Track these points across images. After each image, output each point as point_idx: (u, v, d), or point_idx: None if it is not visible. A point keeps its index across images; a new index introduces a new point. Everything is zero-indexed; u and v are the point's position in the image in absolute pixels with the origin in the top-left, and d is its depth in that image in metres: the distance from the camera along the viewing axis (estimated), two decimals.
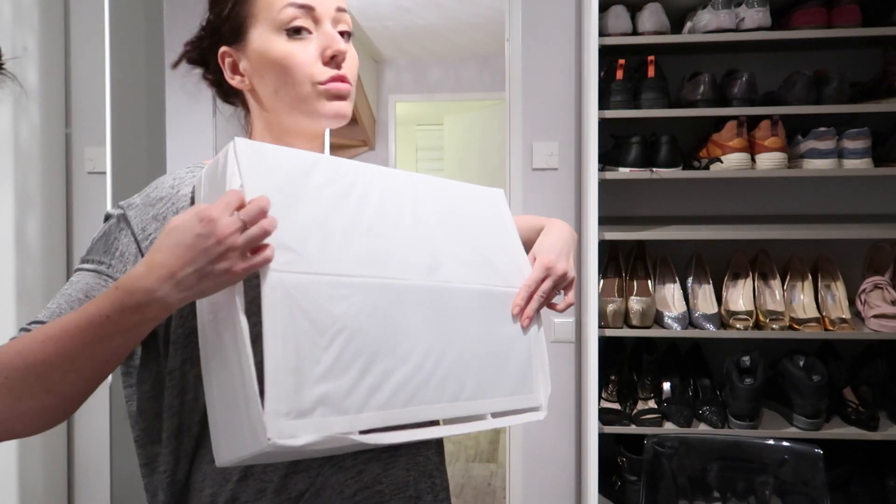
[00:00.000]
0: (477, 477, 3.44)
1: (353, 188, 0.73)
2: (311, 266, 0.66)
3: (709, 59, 2.00)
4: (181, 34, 0.89)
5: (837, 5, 1.78)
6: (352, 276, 0.68)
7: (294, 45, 0.77)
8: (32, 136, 1.93)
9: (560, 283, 0.86)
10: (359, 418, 0.65)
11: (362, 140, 4.65)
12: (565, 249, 0.89)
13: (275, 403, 0.60)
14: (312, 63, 0.77)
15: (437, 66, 4.96)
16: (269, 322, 0.61)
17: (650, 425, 1.82)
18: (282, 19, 0.76)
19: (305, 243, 0.66)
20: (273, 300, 0.62)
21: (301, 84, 0.77)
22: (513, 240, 0.90)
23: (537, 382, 0.85)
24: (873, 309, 1.81)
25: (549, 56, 2.06)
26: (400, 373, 0.69)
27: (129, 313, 0.60)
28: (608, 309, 1.85)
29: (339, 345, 0.65)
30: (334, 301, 0.66)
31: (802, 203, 2.05)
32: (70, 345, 0.61)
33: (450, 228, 0.82)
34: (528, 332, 0.85)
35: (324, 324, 0.65)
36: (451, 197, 0.85)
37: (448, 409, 0.74)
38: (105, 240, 0.74)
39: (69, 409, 0.66)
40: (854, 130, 1.77)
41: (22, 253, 1.89)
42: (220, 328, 0.65)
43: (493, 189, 0.92)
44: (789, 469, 1.57)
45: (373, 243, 0.72)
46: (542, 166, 2.07)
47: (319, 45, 0.78)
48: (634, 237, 1.87)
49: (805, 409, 1.77)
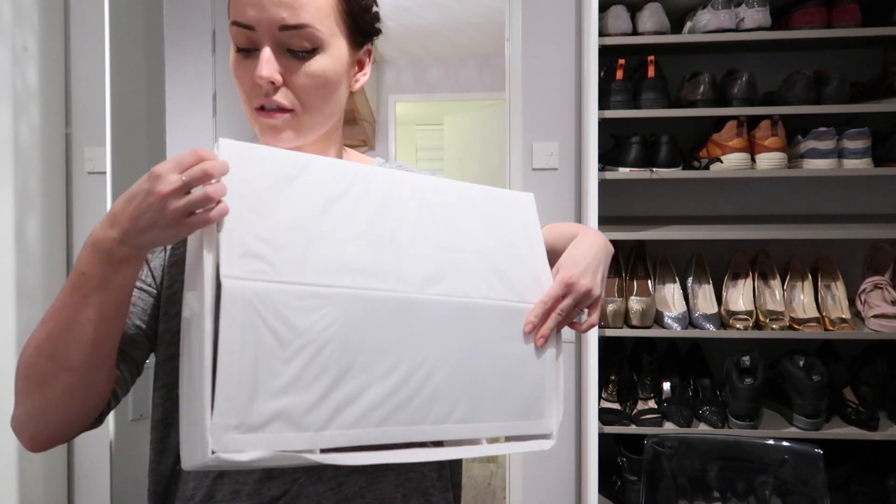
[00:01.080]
0: (477, 477, 3.44)
1: (349, 192, 0.70)
2: (280, 275, 0.63)
3: (709, 59, 2.00)
4: (181, 34, 0.89)
5: (837, 5, 1.78)
6: (327, 286, 0.65)
7: (239, 61, 0.74)
8: (32, 136, 1.93)
9: (582, 302, 0.78)
10: (321, 436, 0.62)
11: (362, 140, 4.66)
12: (593, 264, 0.79)
13: (223, 417, 0.58)
14: (251, 86, 0.74)
15: (437, 65, 4.96)
16: (224, 332, 0.59)
17: (650, 425, 1.82)
18: (233, 38, 0.74)
19: (279, 250, 0.63)
20: (231, 310, 0.59)
21: (244, 105, 0.76)
22: (535, 250, 0.82)
23: (549, 408, 0.77)
24: (873, 309, 1.81)
25: (549, 56, 2.06)
26: (375, 390, 0.65)
27: (98, 265, 0.63)
28: (608, 309, 1.85)
29: (303, 358, 0.62)
30: (302, 312, 0.63)
31: (802, 203, 2.05)
32: (64, 314, 0.64)
33: (460, 237, 0.76)
34: (543, 354, 0.77)
35: (287, 336, 0.62)
36: (470, 203, 0.78)
37: (432, 432, 0.69)
38: None
39: (92, 387, 0.68)
40: (854, 130, 1.77)
41: (22, 253, 1.89)
42: (191, 330, 0.64)
43: (523, 193, 0.85)
44: (789, 469, 1.57)
45: (362, 250, 0.68)
46: (542, 166, 2.07)
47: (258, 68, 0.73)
48: (634, 237, 1.87)
49: (805, 409, 1.77)
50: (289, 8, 0.71)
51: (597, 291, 0.78)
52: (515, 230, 0.81)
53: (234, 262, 0.61)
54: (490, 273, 0.76)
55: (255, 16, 0.71)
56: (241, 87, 0.75)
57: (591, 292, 0.77)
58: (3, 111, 1.83)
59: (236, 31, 0.73)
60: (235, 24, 0.73)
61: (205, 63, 2.21)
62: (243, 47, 0.73)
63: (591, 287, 0.77)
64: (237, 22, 0.72)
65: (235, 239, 0.62)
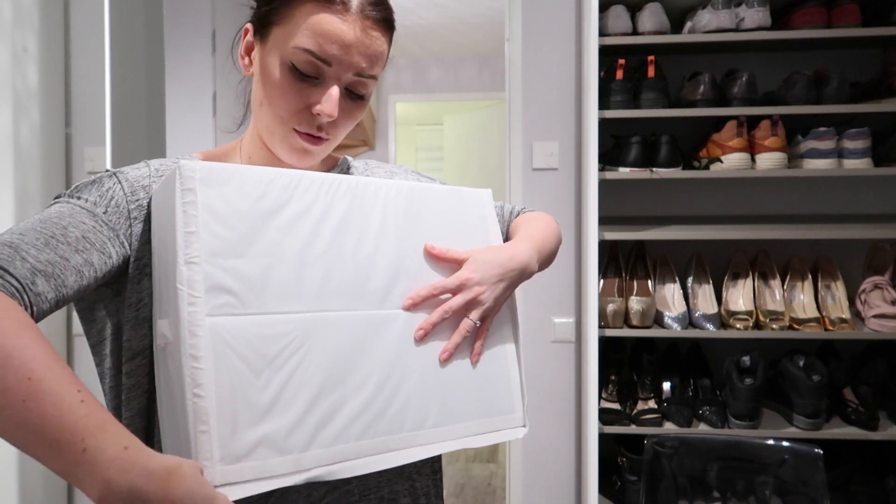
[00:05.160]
0: (477, 477, 3.44)
1: (313, 207, 0.70)
2: (246, 307, 0.64)
3: (709, 59, 2.00)
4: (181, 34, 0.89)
5: (837, 5, 1.78)
6: (293, 312, 0.67)
7: (294, 82, 0.74)
8: (32, 136, 1.93)
9: (471, 307, 0.76)
10: (305, 456, 0.64)
11: (362, 140, 4.66)
12: (497, 274, 0.78)
13: (207, 452, 0.59)
14: (301, 109, 0.75)
15: (437, 65, 4.96)
16: (200, 368, 0.61)
17: (650, 425, 1.82)
18: (295, 57, 0.73)
19: (244, 281, 0.65)
20: (203, 346, 0.61)
21: (279, 118, 0.76)
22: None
23: (517, 401, 0.81)
24: (873, 309, 1.81)
25: (549, 56, 2.06)
26: (351, 406, 0.68)
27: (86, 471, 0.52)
28: (608, 309, 1.85)
29: (277, 383, 0.64)
30: (270, 340, 0.65)
31: (802, 203, 2.05)
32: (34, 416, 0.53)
33: (419, 242, 0.77)
34: (504, 351, 0.81)
35: (259, 364, 0.63)
36: (427, 205, 0.80)
37: (411, 438, 0.71)
38: (98, 186, 0.71)
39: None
40: (854, 130, 1.77)
41: None
42: (167, 361, 0.65)
43: (480, 191, 0.87)
44: (789, 469, 1.57)
45: (325, 271, 0.69)
46: (542, 166, 2.07)
47: (316, 98, 0.74)
48: (634, 237, 1.87)
49: (805, 409, 1.77)
50: (369, 59, 0.75)
51: (486, 300, 0.77)
52: (474, 228, 0.84)
53: (202, 298, 0.62)
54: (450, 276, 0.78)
55: (337, 55, 0.73)
56: (285, 105, 0.75)
57: (480, 300, 0.76)
58: (3, 111, 1.83)
59: (306, 60, 0.73)
60: (310, 54, 0.73)
61: (205, 63, 2.21)
62: (308, 74, 0.74)
63: (478, 295, 0.76)
64: (313, 52, 0.73)
65: (202, 272, 0.63)
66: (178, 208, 0.63)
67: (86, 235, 0.66)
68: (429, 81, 4.98)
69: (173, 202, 0.64)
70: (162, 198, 0.68)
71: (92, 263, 0.66)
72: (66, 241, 0.64)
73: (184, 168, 0.64)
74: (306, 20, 0.73)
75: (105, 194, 0.71)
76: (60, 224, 0.65)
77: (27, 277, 0.60)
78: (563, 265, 2.07)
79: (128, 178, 0.73)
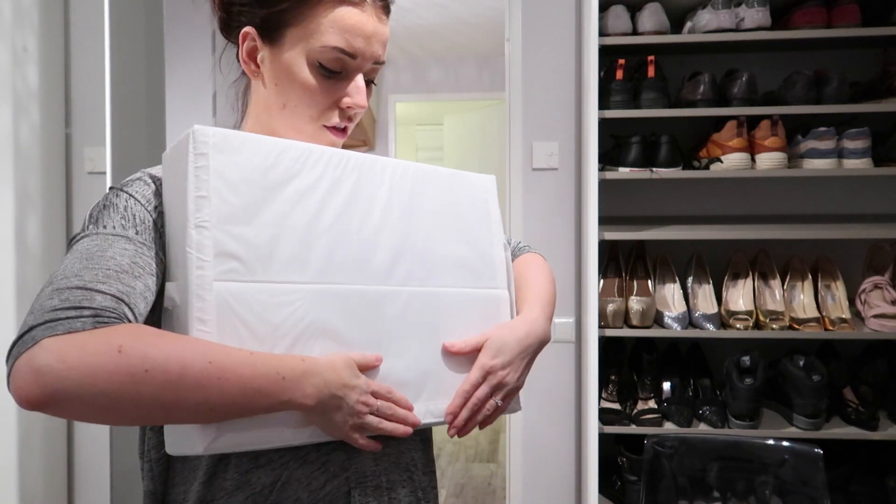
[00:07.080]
0: (477, 477, 3.44)
1: (321, 181, 0.71)
2: (252, 274, 0.65)
3: (709, 59, 2.00)
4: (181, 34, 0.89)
5: (837, 5, 1.78)
6: (298, 282, 0.68)
7: (322, 81, 0.76)
8: (32, 136, 1.93)
9: (497, 391, 0.78)
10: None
11: (362, 140, 4.66)
12: (520, 355, 0.80)
13: None
14: (330, 105, 0.78)
15: (437, 65, 4.96)
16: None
17: (650, 425, 1.82)
18: (322, 56, 0.75)
19: (252, 248, 0.66)
20: (209, 310, 0.63)
21: (309, 116, 0.77)
22: (491, 231, 0.86)
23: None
24: (873, 309, 1.81)
25: (549, 56, 2.06)
26: None
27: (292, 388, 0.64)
28: (608, 309, 1.85)
29: (279, 351, 0.66)
30: (274, 308, 0.66)
31: (802, 203, 2.05)
32: (233, 383, 0.61)
33: (424, 221, 0.79)
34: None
35: (262, 331, 0.65)
36: (432, 186, 0.81)
37: (421, 410, 0.74)
38: (115, 210, 0.69)
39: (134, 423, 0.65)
40: (854, 130, 1.77)
41: (22, 253, 1.89)
42: (174, 322, 0.66)
43: (484, 176, 0.89)
44: (789, 469, 1.57)
45: (331, 244, 0.71)
46: (542, 166, 2.07)
47: (343, 91, 0.77)
48: (634, 237, 1.87)
49: (805, 408, 1.77)
50: (383, 46, 0.79)
51: (512, 383, 0.79)
52: (477, 211, 0.86)
53: (210, 262, 0.63)
54: (450, 259, 0.81)
55: (361, 48, 0.76)
56: (316, 105, 0.77)
57: (505, 383, 0.78)
58: (3, 111, 1.83)
59: (335, 57, 0.75)
60: (339, 51, 0.75)
61: (205, 63, 2.21)
62: (335, 70, 0.76)
63: (503, 379, 0.78)
64: (343, 49, 0.75)
65: (212, 237, 0.64)
66: (191, 172, 0.64)
67: (135, 261, 0.66)
68: (429, 81, 4.98)
69: (185, 166, 0.65)
70: (174, 161, 0.68)
71: (149, 287, 0.67)
72: (123, 271, 0.64)
73: (197, 133, 0.65)
74: (328, 16, 0.74)
75: (126, 215, 0.69)
76: (106, 256, 0.65)
77: (116, 308, 0.61)
78: (563, 265, 2.07)
79: (138, 191, 0.72)
